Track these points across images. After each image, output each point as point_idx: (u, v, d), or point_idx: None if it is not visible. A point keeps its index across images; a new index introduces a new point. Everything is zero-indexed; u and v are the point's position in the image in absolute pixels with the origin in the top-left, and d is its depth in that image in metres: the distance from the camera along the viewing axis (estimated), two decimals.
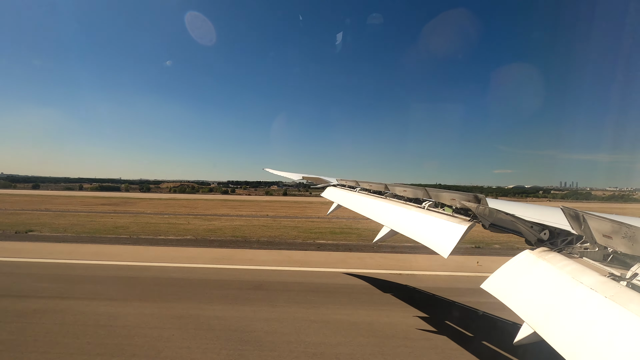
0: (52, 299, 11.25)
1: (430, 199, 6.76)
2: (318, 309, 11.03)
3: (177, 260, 17.22)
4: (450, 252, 4.79)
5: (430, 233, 5.68)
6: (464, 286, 13.87)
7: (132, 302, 11.25)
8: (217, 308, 10.91)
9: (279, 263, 17.24)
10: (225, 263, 16.97)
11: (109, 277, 14.21)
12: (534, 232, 4.15)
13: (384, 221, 7.79)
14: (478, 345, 8.97)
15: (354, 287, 13.73)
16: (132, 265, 16.24)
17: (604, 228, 3.02)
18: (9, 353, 7.92)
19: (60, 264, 15.96)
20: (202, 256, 18.37)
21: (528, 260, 3.80)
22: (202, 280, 14.02)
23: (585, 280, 2.87)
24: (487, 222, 4.86)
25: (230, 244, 22.50)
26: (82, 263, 16.24)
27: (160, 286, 13.07)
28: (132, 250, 19.71)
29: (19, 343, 8.38)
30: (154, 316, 10.17)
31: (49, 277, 13.78)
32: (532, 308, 3.13)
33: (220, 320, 10.01)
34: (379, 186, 9.55)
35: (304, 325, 9.79)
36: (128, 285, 13.20)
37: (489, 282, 3.88)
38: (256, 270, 15.66)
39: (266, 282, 13.84)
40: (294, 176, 17.11)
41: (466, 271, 16.37)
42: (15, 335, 8.79)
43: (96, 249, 19.82)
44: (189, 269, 15.86)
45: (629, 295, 2.47)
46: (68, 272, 14.75)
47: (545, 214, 4.65)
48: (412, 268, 16.85)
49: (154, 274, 14.69)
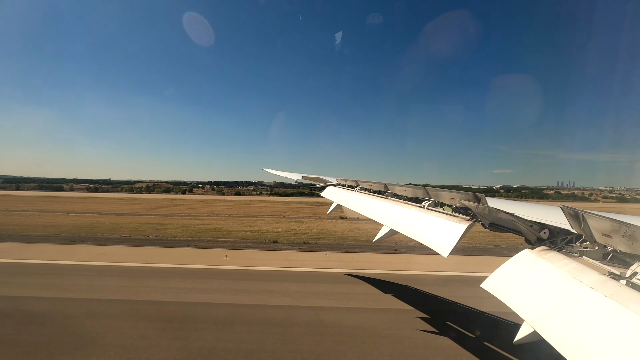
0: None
1: (430, 199, 6.73)
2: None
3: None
4: (450, 252, 4.78)
5: (430, 232, 5.66)
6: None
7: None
8: None
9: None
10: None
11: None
12: (534, 231, 4.14)
13: (383, 220, 7.73)
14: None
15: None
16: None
17: (603, 227, 3.01)
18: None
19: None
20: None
21: (528, 259, 3.79)
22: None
23: (585, 279, 2.87)
24: (487, 221, 4.85)
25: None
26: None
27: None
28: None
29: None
30: None
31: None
32: (532, 307, 3.12)
33: None
34: (378, 186, 9.52)
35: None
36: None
37: (488, 281, 3.87)
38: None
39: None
40: (294, 176, 17.09)
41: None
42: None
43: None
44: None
45: (628, 294, 2.47)
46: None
47: (544, 213, 4.63)
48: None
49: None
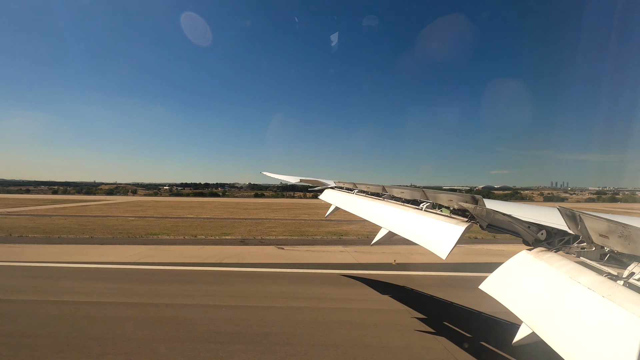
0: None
1: (427, 200, 6.73)
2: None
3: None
4: (448, 254, 4.78)
5: (428, 234, 5.65)
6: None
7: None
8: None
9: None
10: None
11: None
12: (531, 232, 4.15)
13: (381, 223, 7.70)
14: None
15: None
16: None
17: (600, 228, 3.03)
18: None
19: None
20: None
21: (525, 260, 3.80)
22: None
23: (582, 280, 2.88)
24: (485, 222, 4.87)
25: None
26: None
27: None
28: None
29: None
30: None
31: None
32: (530, 308, 3.13)
33: None
34: (376, 188, 9.51)
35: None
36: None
37: (487, 282, 3.87)
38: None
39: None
40: (292, 179, 17.11)
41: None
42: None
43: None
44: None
45: (626, 295, 2.48)
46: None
47: (542, 214, 4.65)
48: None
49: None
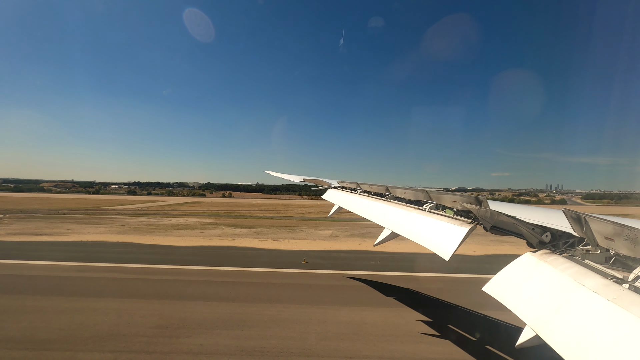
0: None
1: (431, 201, 6.70)
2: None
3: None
4: (451, 255, 4.76)
5: (431, 235, 5.62)
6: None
7: None
8: None
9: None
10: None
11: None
12: (536, 234, 4.12)
13: (384, 223, 7.67)
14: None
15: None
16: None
17: (606, 230, 3.00)
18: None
19: None
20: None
21: (530, 262, 3.77)
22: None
23: (587, 283, 2.85)
24: (489, 224, 4.83)
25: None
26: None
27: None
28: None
29: None
30: None
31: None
32: (534, 311, 3.11)
33: None
34: (380, 188, 9.46)
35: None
36: None
37: (490, 284, 3.85)
38: None
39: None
40: (295, 178, 17.17)
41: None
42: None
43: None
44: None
45: (631, 298, 2.45)
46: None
47: (546, 216, 4.62)
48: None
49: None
